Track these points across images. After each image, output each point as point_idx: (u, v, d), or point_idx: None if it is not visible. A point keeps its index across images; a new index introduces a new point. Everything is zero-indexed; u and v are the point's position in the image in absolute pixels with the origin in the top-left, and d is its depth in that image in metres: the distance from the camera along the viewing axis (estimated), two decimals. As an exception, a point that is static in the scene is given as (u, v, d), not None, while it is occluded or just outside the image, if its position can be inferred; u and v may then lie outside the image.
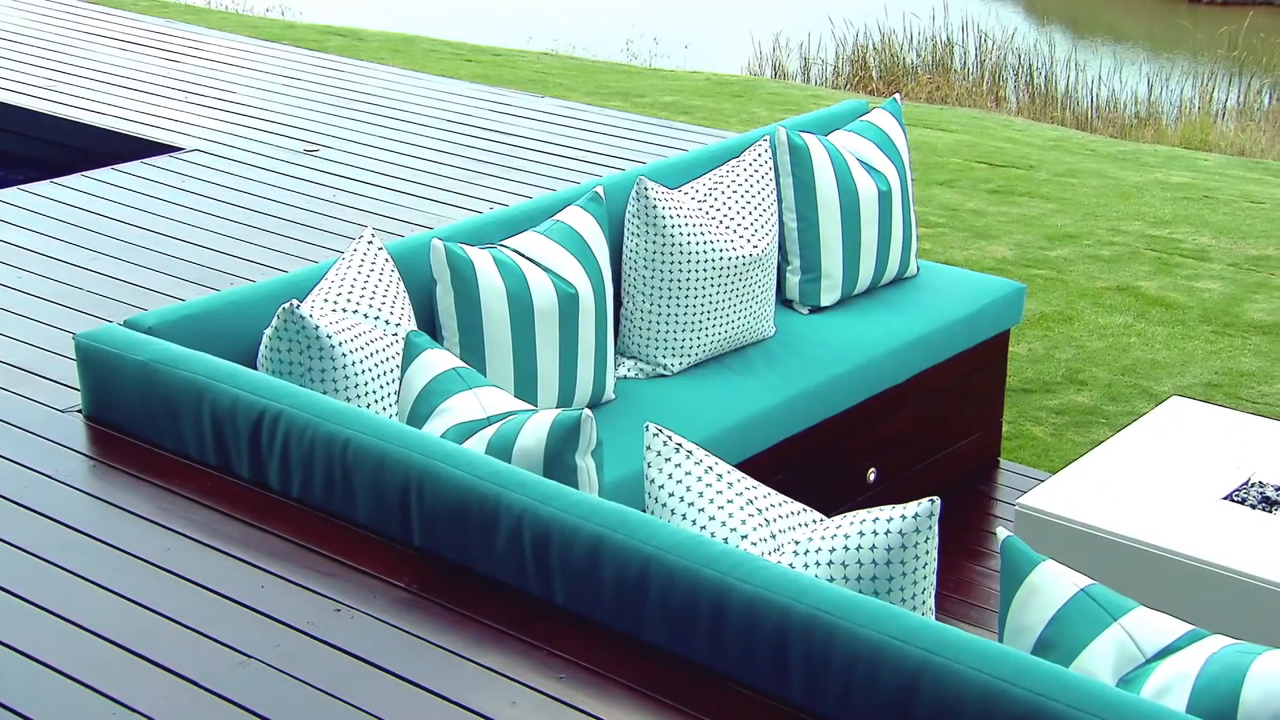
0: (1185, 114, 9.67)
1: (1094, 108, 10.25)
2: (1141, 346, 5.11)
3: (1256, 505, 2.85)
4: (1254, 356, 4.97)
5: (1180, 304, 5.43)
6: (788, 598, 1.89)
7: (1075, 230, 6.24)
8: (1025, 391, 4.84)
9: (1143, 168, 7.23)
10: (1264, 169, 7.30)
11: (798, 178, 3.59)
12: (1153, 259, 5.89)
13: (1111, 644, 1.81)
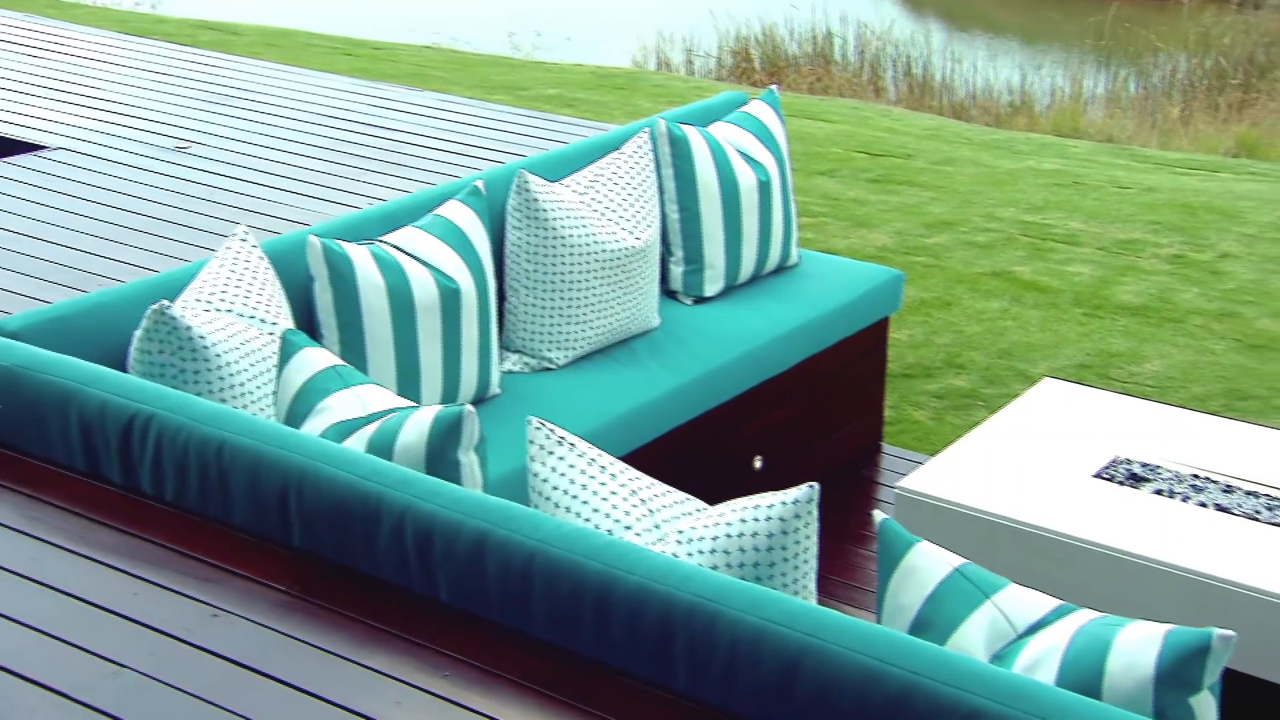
0: (1057, 102, 9.92)
1: (970, 97, 10.47)
2: (1017, 330, 5.23)
3: (1124, 482, 2.94)
4: (1123, 337, 5.13)
5: (1053, 288, 5.58)
6: (671, 587, 1.90)
7: (952, 217, 6.37)
8: (906, 377, 4.93)
9: (1016, 155, 7.40)
10: (1130, 155, 7.52)
11: (678, 169, 3.60)
12: (1026, 244, 6.04)
13: (985, 621, 1.86)
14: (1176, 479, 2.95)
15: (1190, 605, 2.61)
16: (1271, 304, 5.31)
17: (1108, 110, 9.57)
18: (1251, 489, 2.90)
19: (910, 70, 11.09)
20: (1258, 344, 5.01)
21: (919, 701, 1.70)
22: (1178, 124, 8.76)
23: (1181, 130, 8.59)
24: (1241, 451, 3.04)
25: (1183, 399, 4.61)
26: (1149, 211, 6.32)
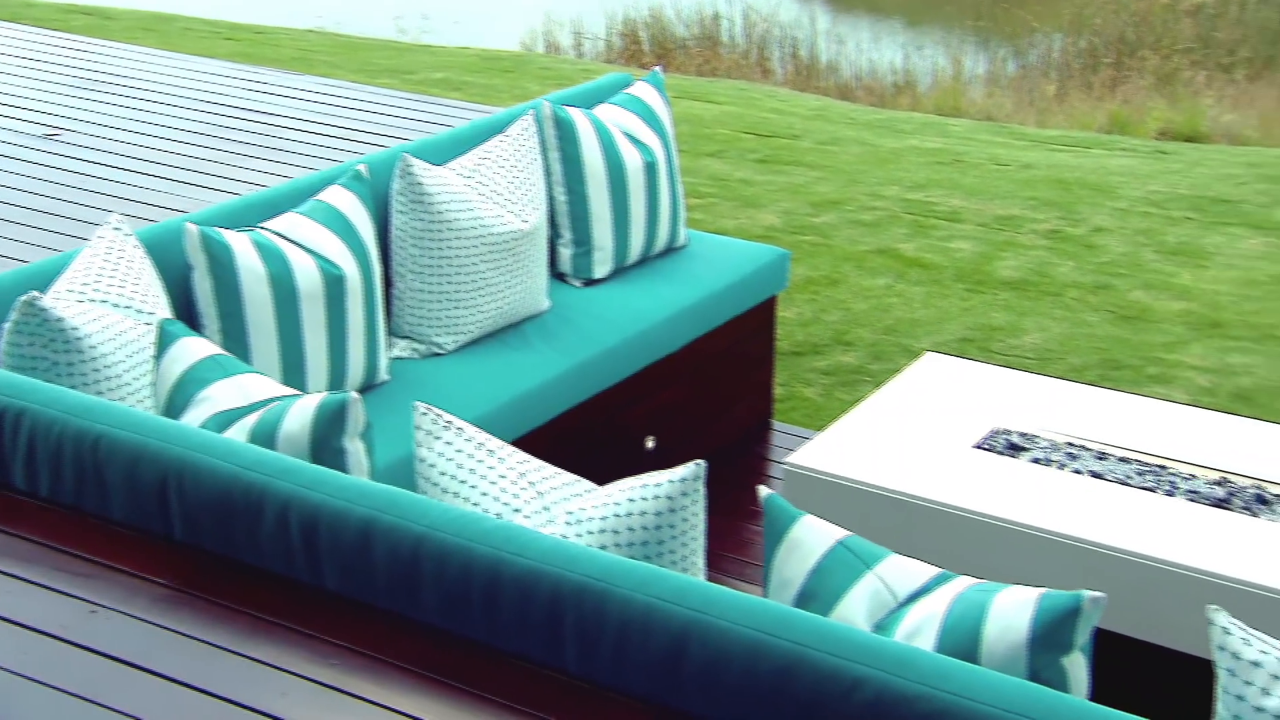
0: (938, 82, 10.09)
1: (855, 78, 10.59)
2: (902, 306, 5.32)
3: (1003, 451, 3.01)
4: (1003, 311, 5.25)
5: (936, 264, 5.68)
6: (560, 568, 1.90)
7: (838, 196, 6.45)
8: (796, 354, 4.98)
9: (899, 134, 7.51)
10: (1009, 133, 7.68)
11: (565, 152, 3.59)
12: (910, 222, 6.14)
13: (867, 591, 1.89)
14: (1053, 447, 3.03)
15: (1065, 569, 2.68)
16: (1143, 276, 5.47)
17: (987, 89, 9.75)
18: (1124, 455, 2.99)
19: (796, 52, 11.18)
20: (1130, 315, 5.15)
21: (804, 672, 1.72)
22: (1054, 102, 8.97)
23: (1057, 108, 8.79)
24: (1115, 419, 3.12)
25: (1060, 370, 4.73)
26: (1027, 188, 6.46)
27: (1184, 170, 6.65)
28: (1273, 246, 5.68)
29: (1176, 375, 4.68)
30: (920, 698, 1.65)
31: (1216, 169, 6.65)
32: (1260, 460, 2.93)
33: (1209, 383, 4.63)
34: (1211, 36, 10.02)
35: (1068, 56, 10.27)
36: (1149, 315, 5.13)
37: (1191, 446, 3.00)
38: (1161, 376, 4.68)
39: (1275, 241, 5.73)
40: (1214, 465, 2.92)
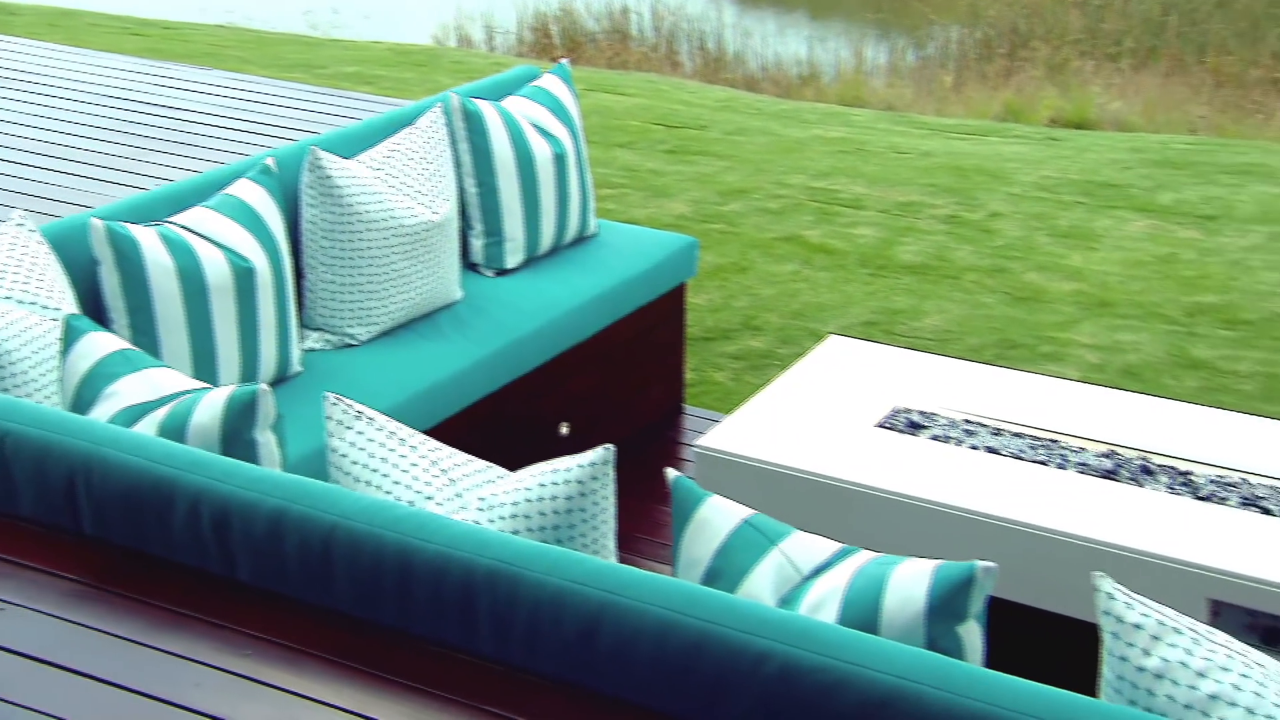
0: (842, 73, 10.18)
1: (762, 70, 10.65)
2: (809, 292, 5.37)
3: (904, 430, 3.05)
4: (905, 295, 5.32)
5: (840, 250, 5.73)
6: (472, 553, 1.89)
7: (745, 185, 6.49)
8: (706, 340, 5.01)
9: (804, 124, 7.57)
10: (909, 122, 7.77)
11: (474, 144, 3.57)
12: (815, 209, 6.19)
13: (772, 567, 1.90)
14: (951, 425, 3.07)
15: (962, 541, 2.73)
16: (1036, 259, 5.57)
17: (888, 80, 9.86)
18: (1018, 431, 3.05)
19: (704, 45, 11.22)
20: (1024, 296, 5.25)
21: (713, 647, 1.73)
22: (951, 92, 9.09)
23: (955, 97, 8.91)
24: (1010, 397, 3.18)
25: (959, 350, 4.81)
26: (926, 175, 6.54)
27: (1074, 156, 6.79)
28: (1157, 228, 5.82)
29: (1068, 353, 4.78)
30: (823, 668, 1.67)
31: (1104, 154, 6.79)
32: (1146, 433, 3.01)
33: (1099, 360, 4.73)
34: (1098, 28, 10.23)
35: (964, 48, 10.42)
36: (1042, 296, 5.23)
37: (1082, 421, 3.06)
38: (1054, 355, 4.78)
39: (1159, 224, 5.87)
40: (1102, 438, 2.99)
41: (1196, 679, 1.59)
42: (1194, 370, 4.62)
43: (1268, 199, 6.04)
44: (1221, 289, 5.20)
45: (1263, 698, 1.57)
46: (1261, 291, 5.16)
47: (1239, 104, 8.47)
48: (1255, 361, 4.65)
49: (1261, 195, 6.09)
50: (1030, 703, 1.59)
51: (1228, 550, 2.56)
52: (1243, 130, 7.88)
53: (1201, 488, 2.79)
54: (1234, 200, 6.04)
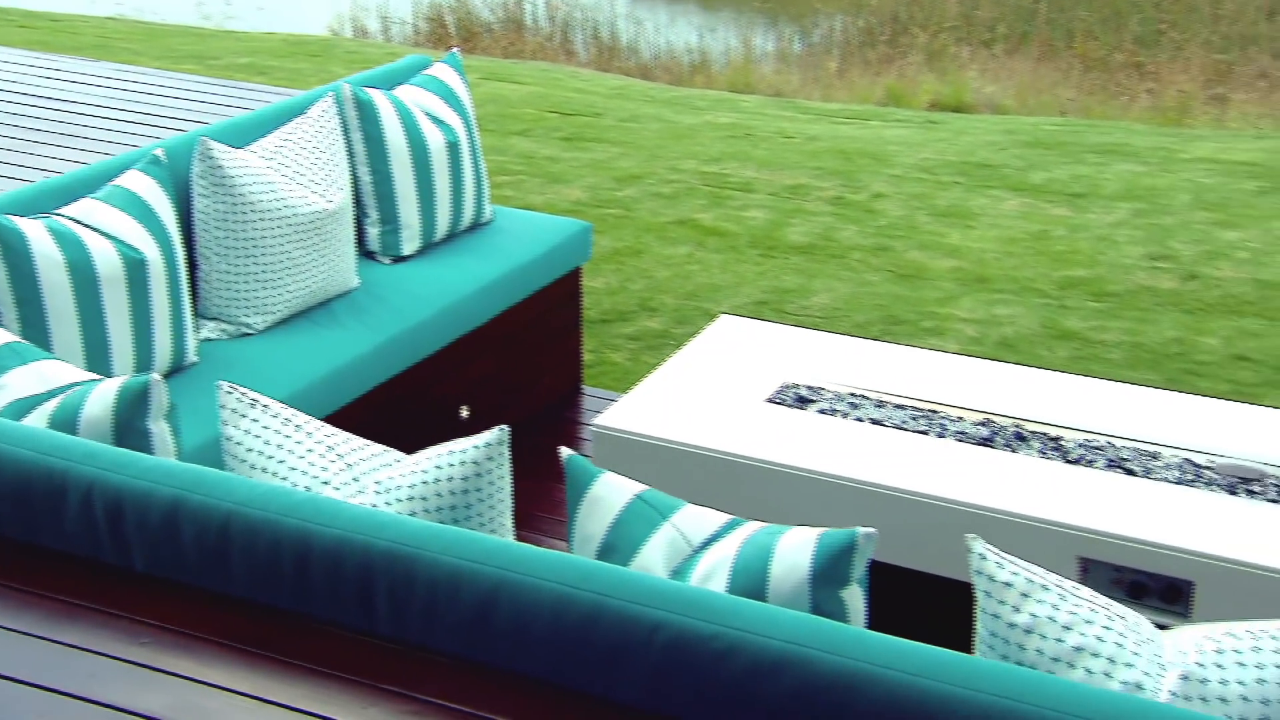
0: (731, 61, 10.23)
1: (654, 58, 10.66)
2: (702, 273, 5.39)
3: (792, 404, 3.09)
4: (794, 274, 5.37)
5: (732, 232, 5.77)
6: (369, 536, 1.87)
7: (639, 171, 6.49)
8: (604, 322, 5.01)
9: (695, 111, 7.59)
10: (795, 108, 7.84)
11: (367, 132, 3.52)
12: (707, 193, 6.22)
13: (664, 541, 1.92)
14: (837, 398, 3.12)
15: (846, 509, 2.77)
16: (918, 237, 5.67)
17: (776, 67, 9.94)
18: (900, 403, 3.10)
19: (598, 34, 11.18)
20: (907, 274, 5.34)
21: (607, 619, 1.74)
22: (836, 78, 9.19)
23: (839, 83, 9.01)
24: (893, 370, 3.23)
25: (846, 326, 4.88)
26: (812, 158, 6.61)
27: (951, 139, 6.91)
28: (1029, 207, 5.95)
29: (949, 327, 4.88)
30: (714, 636, 1.69)
31: (980, 137, 6.92)
32: (1020, 401, 3.08)
33: (977, 333, 4.83)
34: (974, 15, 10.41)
35: (848, 35, 10.54)
36: (924, 273, 5.32)
37: (960, 392, 3.12)
38: (936, 329, 4.87)
39: (1031, 202, 6.00)
40: (979, 408, 3.06)
41: (1063, 632, 1.64)
42: (1065, 341, 4.74)
43: (1131, 177, 6.21)
44: (1089, 263, 5.34)
45: (1123, 647, 1.62)
46: (1126, 265, 5.31)
47: (1104, 87, 8.69)
48: (1121, 331, 4.79)
49: (1125, 173, 6.26)
50: (909, 661, 1.62)
51: (1095, 510, 2.64)
52: (1108, 112, 8.09)
53: (1071, 452, 2.87)
54: (1100, 179, 6.20)
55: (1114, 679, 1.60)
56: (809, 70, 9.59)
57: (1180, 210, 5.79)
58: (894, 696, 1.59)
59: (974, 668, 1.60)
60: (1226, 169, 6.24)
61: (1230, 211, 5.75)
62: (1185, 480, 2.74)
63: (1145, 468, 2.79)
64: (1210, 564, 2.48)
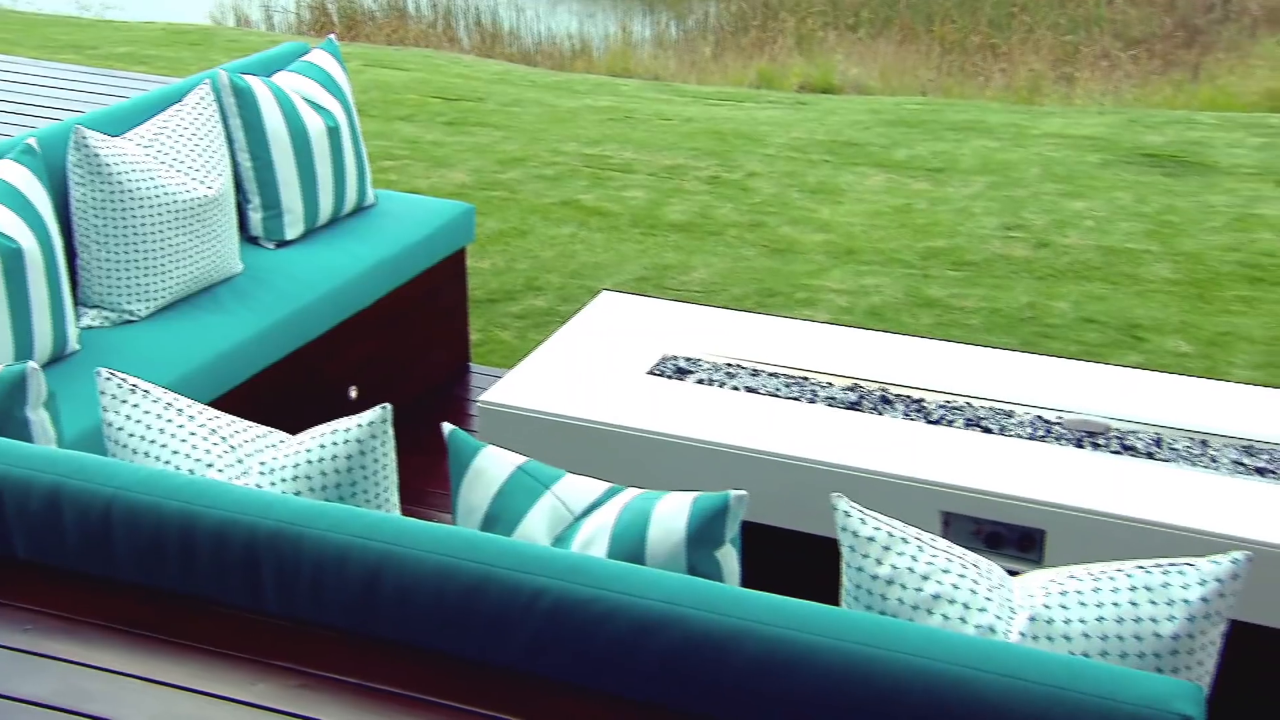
0: (610, 46, 10.20)
1: (535, 44, 10.57)
2: (586, 252, 5.39)
3: (672, 376, 3.10)
4: (674, 251, 5.39)
5: (613, 212, 5.77)
6: (255, 516, 1.84)
7: (522, 154, 6.44)
8: (491, 301, 4.97)
9: (575, 95, 7.56)
10: (673, 91, 7.85)
11: (245, 119, 3.43)
12: (588, 174, 6.20)
13: (546, 510, 1.91)
14: (715, 369, 3.14)
15: (723, 474, 2.80)
16: (789, 214, 5.73)
17: (653, 52, 9.93)
18: (774, 371, 3.13)
19: (480, 21, 11.05)
20: (780, 248, 5.40)
21: (491, 588, 1.73)
22: (710, 62, 9.22)
23: (714, 67, 9.05)
24: (768, 340, 3.27)
25: (723, 300, 4.91)
26: (689, 140, 6.63)
27: (820, 119, 6.99)
28: (893, 182, 6.06)
29: (820, 298, 4.94)
30: (594, 600, 1.69)
31: (846, 116, 7.02)
32: (885, 366, 3.13)
33: (847, 303, 4.91)
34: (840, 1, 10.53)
35: (721, 21, 10.58)
36: (796, 247, 5.39)
37: (830, 359, 3.17)
38: (808, 300, 4.93)
39: (895, 178, 6.11)
40: (848, 373, 3.10)
41: (922, 582, 1.68)
42: (928, 308, 4.85)
43: (986, 152, 6.36)
44: (949, 234, 5.46)
45: (976, 594, 1.67)
46: (983, 235, 5.44)
47: (962, 68, 8.87)
48: (979, 298, 4.91)
49: (980, 149, 6.41)
50: (780, 615, 1.65)
51: (955, 467, 2.71)
52: (965, 91, 8.26)
53: (932, 413, 2.93)
54: (958, 154, 6.34)
55: (969, 623, 1.65)
56: (685, 55, 9.61)
57: (1031, 183, 5.95)
58: (766, 650, 1.62)
59: (840, 619, 1.63)
60: (1072, 143, 6.43)
61: (1076, 183, 5.92)
62: (1037, 436, 2.82)
63: (1000, 425, 2.87)
64: (1060, 513, 2.57)
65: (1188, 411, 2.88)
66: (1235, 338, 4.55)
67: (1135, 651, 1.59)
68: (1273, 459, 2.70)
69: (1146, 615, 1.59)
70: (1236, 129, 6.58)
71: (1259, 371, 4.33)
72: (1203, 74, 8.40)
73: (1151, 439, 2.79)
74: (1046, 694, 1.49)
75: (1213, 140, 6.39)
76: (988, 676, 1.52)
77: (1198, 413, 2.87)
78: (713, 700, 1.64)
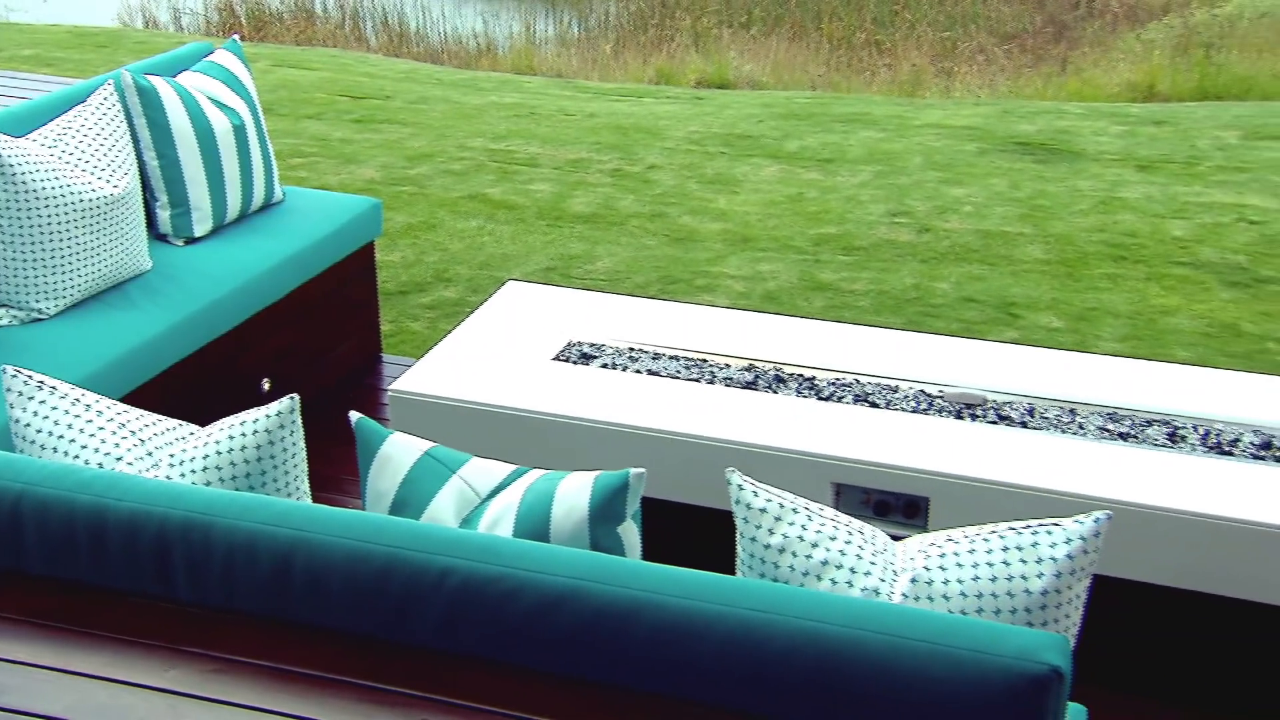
0: (515, 45, 10.12)
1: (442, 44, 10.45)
2: (494, 244, 5.35)
3: (577, 361, 3.10)
4: (579, 242, 5.38)
5: (520, 205, 5.74)
6: (165, 507, 1.80)
7: (430, 150, 6.37)
8: (402, 293, 4.92)
9: (481, 92, 7.49)
10: (575, 87, 7.82)
11: (151, 118, 3.34)
12: (495, 169, 6.16)
13: (453, 493, 1.90)
14: (618, 353, 3.14)
15: (626, 453, 2.81)
16: (689, 204, 5.75)
17: (557, 50, 9.89)
18: (674, 355, 3.15)
19: (387, 21, 10.89)
20: (680, 237, 5.42)
21: (400, 570, 1.72)
22: (611, 59, 9.21)
23: (615, 64, 9.03)
24: (669, 325, 3.28)
25: (628, 288, 4.92)
26: (591, 134, 6.62)
27: (716, 113, 7.02)
28: (786, 172, 6.12)
29: (719, 284, 4.98)
30: (501, 577, 1.69)
31: (741, 110, 7.06)
32: (780, 348, 3.16)
33: (744, 288, 4.95)
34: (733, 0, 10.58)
35: (621, 20, 10.57)
36: (696, 236, 5.41)
37: (728, 342, 3.19)
38: (708, 286, 4.96)
39: (787, 168, 6.17)
40: (744, 355, 3.13)
41: (811, 549, 1.70)
42: (821, 291, 4.91)
43: (872, 143, 6.45)
44: (839, 221, 5.53)
45: (861, 558, 1.70)
46: (870, 221, 5.52)
47: (849, 63, 8.98)
48: (868, 281, 4.99)
49: (867, 140, 6.50)
50: (678, 585, 1.66)
51: (844, 441, 2.75)
52: (852, 85, 8.37)
53: (824, 390, 2.97)
54: (846, 145, 6.42)
55: (855, 587, 1.67)
56: (587, 53, 9.58)
57: (914, 171, 6.05)
58: (667, 619, 1.63)
59: (735, 587, 1.64)
60: (951, 133, 6.55)
61: (956, 171, 6.04)
62: (920, 409, 2.88)
63: (887, 400, 2.92)
64: (942, 481, 2.62)
65: (1058, 383, 2.96)
66: (1101, 312, 4.69)
67: (1008, 608, 1.63)
68: (1134, 425, 2.79)
69: (1017, 573, 1.64)
70: (1100, 118, 6.77)
71: (1123, 344, 4.47)
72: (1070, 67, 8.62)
73: (1025, 409, 2.86)
74: (927, 650, 1.52)
75: (1079, 129, 6.56)
76: (873, 636, 1.55)
77: (1067, 384, 2.95)
78: (618, 669, 1.64)
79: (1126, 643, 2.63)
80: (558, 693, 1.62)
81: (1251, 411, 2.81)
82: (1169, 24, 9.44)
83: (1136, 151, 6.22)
